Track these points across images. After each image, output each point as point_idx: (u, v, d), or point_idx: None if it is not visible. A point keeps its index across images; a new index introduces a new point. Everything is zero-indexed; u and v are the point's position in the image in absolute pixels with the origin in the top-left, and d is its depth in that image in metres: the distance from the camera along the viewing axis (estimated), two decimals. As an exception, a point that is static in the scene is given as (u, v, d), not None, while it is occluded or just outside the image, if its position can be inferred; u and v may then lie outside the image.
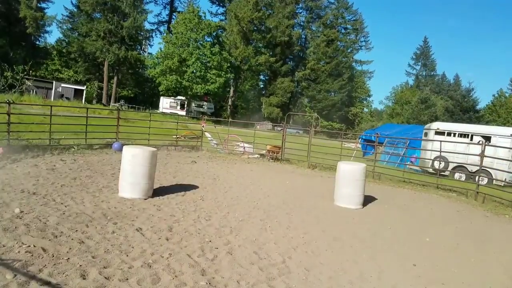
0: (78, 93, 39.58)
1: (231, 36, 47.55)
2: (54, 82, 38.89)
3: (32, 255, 3.38)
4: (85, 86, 42.61)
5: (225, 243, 4.37)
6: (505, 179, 12.52)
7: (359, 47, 61.10)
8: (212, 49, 42.47)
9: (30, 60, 35.39)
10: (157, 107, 43.95)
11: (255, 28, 48.74)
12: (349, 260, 4.31)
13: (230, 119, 22.07)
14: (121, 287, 3.04)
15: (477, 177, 10.41)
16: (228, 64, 44.58)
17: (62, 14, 51.12)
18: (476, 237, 5.97)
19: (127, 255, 3.66)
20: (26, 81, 33.04)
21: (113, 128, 12.45)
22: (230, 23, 48.37)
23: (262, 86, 58.91)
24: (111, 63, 45.17)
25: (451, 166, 14.52)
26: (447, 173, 14.45)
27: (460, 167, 14.69)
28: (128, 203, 5.54)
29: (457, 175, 14.63)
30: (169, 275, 3.33)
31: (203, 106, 44.31)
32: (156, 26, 58.66)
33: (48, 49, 47.67)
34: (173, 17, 55.87)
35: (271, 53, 51.01)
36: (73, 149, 10.34)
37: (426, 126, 18.77)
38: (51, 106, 12.10)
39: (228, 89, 50.12)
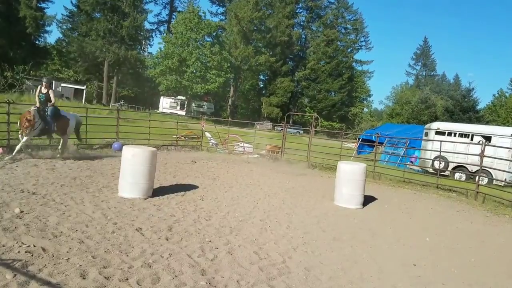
0: (78, 93, 39.53)
1: (231, 36, 47.54)
2: (54, 82, 38.80)
3: (32, 255, 3.37)
4: (85, 86, 42.58)
5: (225, 243, 4.37)
6: (505, 179, 12.51)
7: (359, 47, 61.04)
8: (212, 49, 42.46)
9: (30, 60, 35.31)
10: (157, 107, 43.92)
11: (255, 28, 48.69)
12: (349, 260, 4.31)
13: (230, 119, 22.05)
14: (121, 287, 3.04)
15: (477, 177, 10.40)
16: (228, 64, 44.56)
17: (62, 14, 51.14)
18: (476, 237, 5.97)
19: (127, 255, 3.65)
20: (26, 81, 32.99)
21: (113, 128, 12.45)
22: (230, 23, 48.34)
23: (262, 86, 58.87)
24: (111, 63, 45.15)
25: (451, 166, 14.52)
26: (447, 173, 14.45)
27: (460, 167, 14.69)
28: (128, 203, 5.54)
29: (457, 175, 14.62)
30: (169, 275, 3.33)
31: (203, 106, 44.29)
32: (156, 26, 58.81)
33: (48, 49, 47.59)
34: (173, 17, 55.92)
35: (271, 53, 50.93)
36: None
37: (426, 126, 18.76)
38: (51, 106, 12.07)
39: (228, 89, 50.12)
